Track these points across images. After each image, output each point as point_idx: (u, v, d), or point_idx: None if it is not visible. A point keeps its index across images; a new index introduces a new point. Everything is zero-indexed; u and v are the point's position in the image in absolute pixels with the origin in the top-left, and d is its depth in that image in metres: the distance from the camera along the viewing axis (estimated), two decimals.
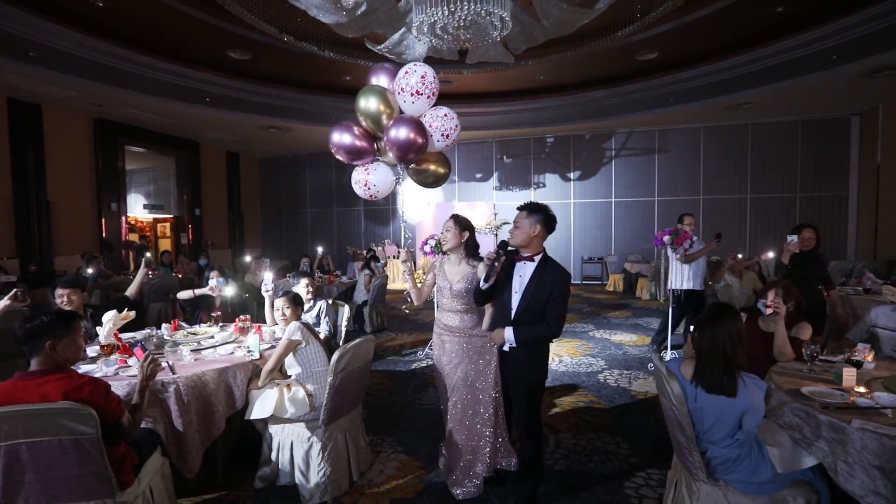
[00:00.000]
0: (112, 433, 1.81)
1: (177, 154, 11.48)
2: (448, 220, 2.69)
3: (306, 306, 3.64)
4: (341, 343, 3.40)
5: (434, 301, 3.93)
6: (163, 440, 2.31)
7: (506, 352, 2.49)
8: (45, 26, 6.32)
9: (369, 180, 3.86)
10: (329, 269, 8.16)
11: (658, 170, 11.11)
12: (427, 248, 5.11)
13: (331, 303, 3.87)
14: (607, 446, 3.18)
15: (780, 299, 2.61)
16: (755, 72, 7.89)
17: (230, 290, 3.84)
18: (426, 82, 3.49)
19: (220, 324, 3.66)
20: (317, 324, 3.60)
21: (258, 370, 2.73)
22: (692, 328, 2.11)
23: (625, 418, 3.64)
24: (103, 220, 9.30)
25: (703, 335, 1.96)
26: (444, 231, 2.68)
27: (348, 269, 9.82)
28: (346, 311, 3.86)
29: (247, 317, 3.45)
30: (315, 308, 3.70)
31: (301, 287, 3.71)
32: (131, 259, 9.82)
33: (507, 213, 10.08)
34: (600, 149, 11.47)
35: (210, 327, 3.52)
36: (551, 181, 11.86)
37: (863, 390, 2.07)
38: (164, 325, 3.43)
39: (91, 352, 2.82)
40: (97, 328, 2.93)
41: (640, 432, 3.38)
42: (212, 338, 3.20)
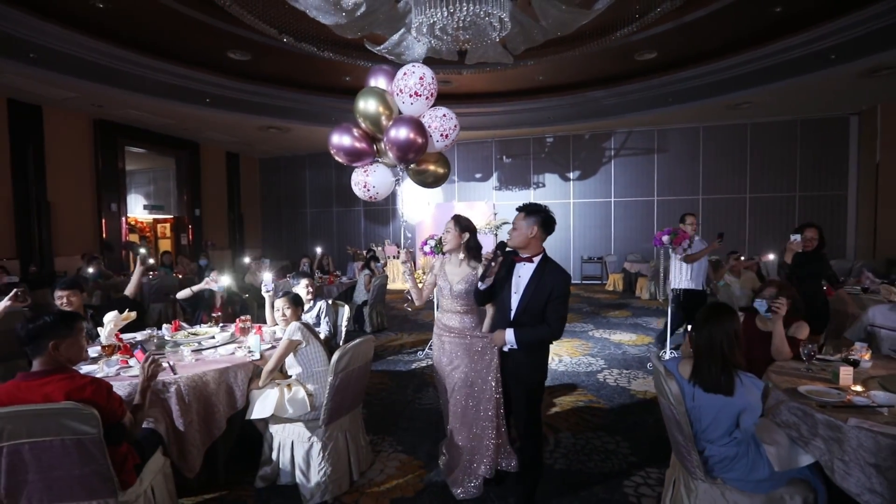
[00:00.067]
0: (114, 433, 1.82)
1: (177, 155, 11.50)
2: (449, 220, 2.68)
3: (306, 307, 3.65)
4: (341, 343, 3.41)
5: (434, 301, 3.93)
6: (164, 440, 2.32)
7: (505, 352, 2.49)
8: (45, 27, 6.33)
9: (369, 181, 3.87)
10: (329, 269, 8.17)
11: (657, 169, 11.12)
12: (427, 249, 5.12)
13: (331, 303, 3.89)
14: (606, 445, 3.19)
15: (783, 300, 2.60)
16: (754, 71, 7.91)
17: (226, 280, 3.85)
18: (424, 83, 3.50)
19: (221, 324, 3.67)
20: (317, 324, 3.62)
21: (259, 370, 2.74)
22: (689, 328, 2.12)
23: (624, 417, 3.65)
24: (103, 221, 9.32)
25: (700, 335, 1.98)
26: (445, 232, 2.68)
27: (348, 269, 9.81)
28: (346, 312, 3.87)
29: (247, 317, 3.46)
30: (315, 308, 3.71)
31: (301, 287, 3.72)
32: (131, 260, 9.83)
33: (507, 213, 10.11)
34: (599, 149, 11.49)
35: (210, 328, 3.53)
36: (551, 181, 11.87)
37: (859, 389, 2.08)
38: (165, 326, 3.44)
39: (92, 352, 2.83)
40: (98, 329, 2.95)
41: (640, 431, 3.39)
42: (212, 338, 3.21)
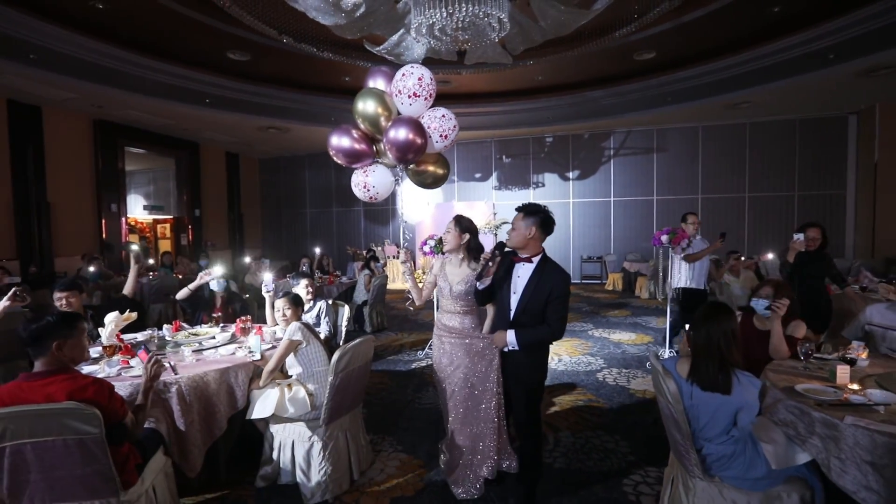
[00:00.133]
0: (116, 433, 1.83)
1: (176, 155, 11.50)
2: (451, 220, 2.68)
3: (306, 307, 3.66)
4: (341, 343, 3.42)
5: (434, 301, 3.95)
6: (165, 440, 2.33)
7: (505, 352, 2.49)
8: (44, 28, 6.34)
9: (368, 182, 3.89)
10: (328, 269, 8.18)
11: (656, 169, 11.13)
12: (427, 249, 5.14)
13: (331, 303, 3.90)
14: (606, 444, 3.20)
15: (785, 300, 2.60)
16: (752, 71, 7.92)
17: (219, 271, 3.85)
18: (423, 84, 3.51)
19: (221, 324, 3.68)
20: (317, 324, 3.63)
21: (259, 370, 2.75)
22: (687, 327, 2.14)
23: (623, 417, 3.66)
24: (103, 222, 9.32)
25: (698, 334, 1.99)
26: (445, 232, 2.68)
27: (348, 269, 9.82)
28: (346, 312, 3.89)
29: (248, 317, 3.47)
30: (315, 308, 3.72)
31: (301, 288, 3.73)
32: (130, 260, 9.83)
33: (507, 212, 10.12)
34: (599, 148, 11.50)
35: (211, 328, 3.54)
36: (550, 181, 11.88)
37: (856, 387, 2.09)
38: (166, 326, 3.46)
39: (93, 353, 2.84)
40: (99, 329, 2.96)
41: (639, 430, 3.40)
42: (213, 338, 3.22)
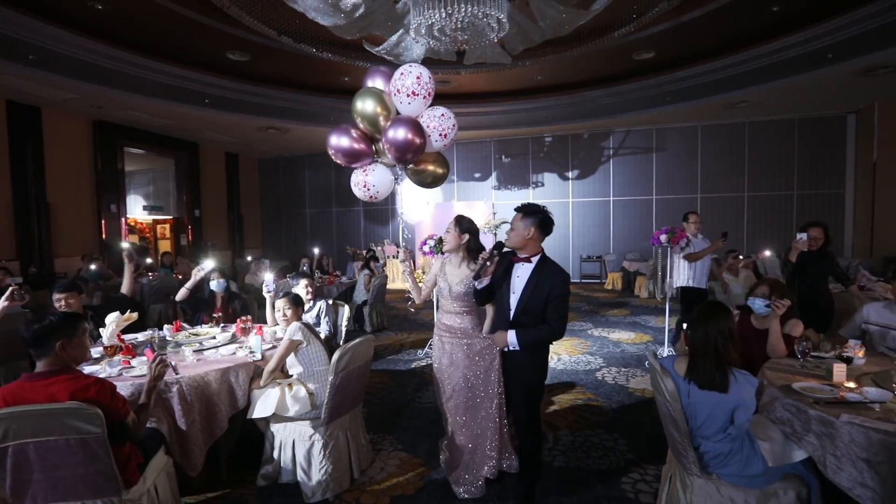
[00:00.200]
0: (118, 432, 1.85)
1: (176, 155, 11.50)
2: (451, 221, 2.68)
3: (306, 307, 3.67)
4: (342, 343, 3.43)
5: (434, 301, 3.96)
6: (167, 439, 2.35)
7: (506, 352, 2.50)
8: (44, 29, 6.34)
9: (368, 181, 3.89)
10: (328, 269, 8.19)
11: (656, 168, 11.15)
12: (426, 248, 5.15)
13: (331, 303, 3.91)
14: (605, 443, 3.22)
15: (786, 300, 2.61)
16: (751, 71, 7.94)
17: (210, 264, 3.84)
18: (422, 83, 3.52)
19: (222, 324, 3.70)
20: (317, 324, 3.64)
21: (260, 370, 2.76)
22: (685, 326, 2.15)
23: (622, 415, 3.68)
24: (103, 222, 9.33)
25: (695, 332, 2.01)
26: (445, 232, 2.68)
27: (348, 269, 9.83)
28: (346, 311, 3.90)
29: (248, 317, 3.49)
30: (315, 308, 3.73)
31: (300, 288, 3.74)
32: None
33: (506, 212, 10.12)
34: (598, 148, 11.51)
35: (211, 328, 3.56)
36: (550, 180, 11.90)
37: (852, 385, 2.11)
38: (167, 326, 3.47)
39: (94, 353, 2.85)
40: (99, 329, 2.97)
41: (637, 429, 3.42)
42: (214, 338, 3.23)
